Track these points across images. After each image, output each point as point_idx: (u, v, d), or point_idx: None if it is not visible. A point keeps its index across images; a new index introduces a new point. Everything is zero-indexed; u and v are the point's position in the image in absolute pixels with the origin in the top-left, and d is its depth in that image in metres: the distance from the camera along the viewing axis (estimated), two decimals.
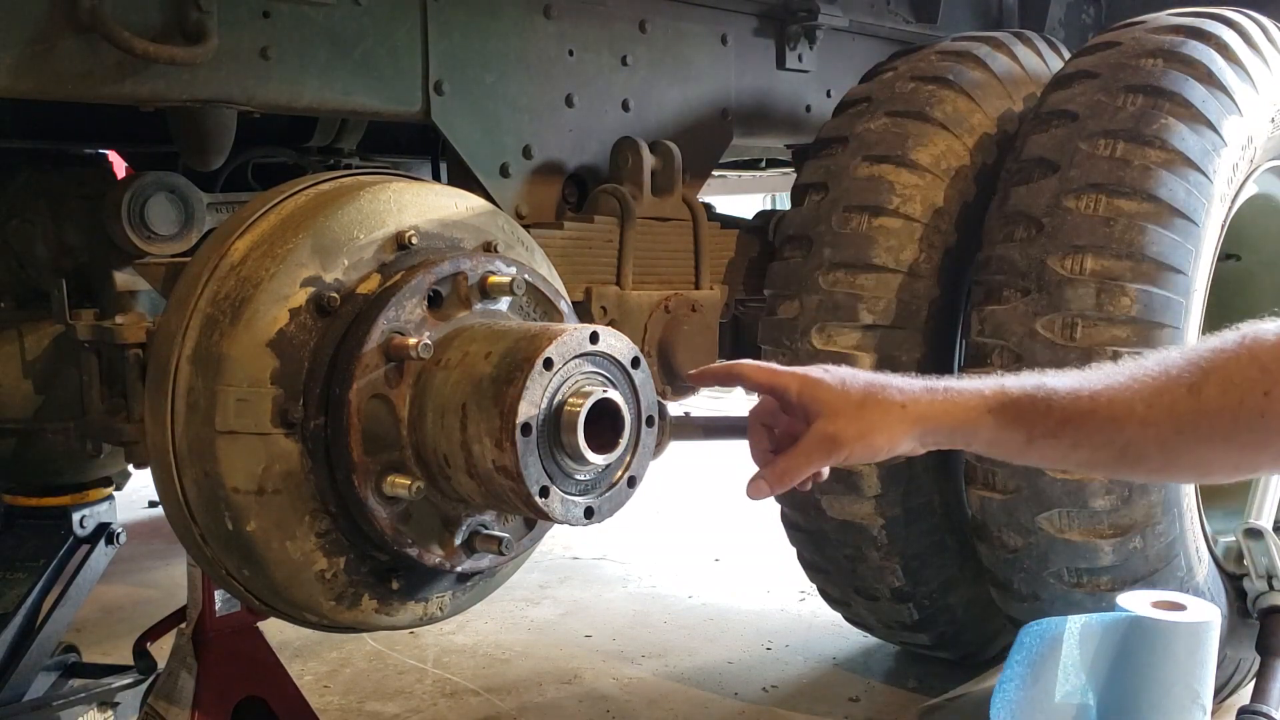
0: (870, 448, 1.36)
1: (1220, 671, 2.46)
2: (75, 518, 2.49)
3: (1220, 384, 1.26)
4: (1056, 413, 1.32)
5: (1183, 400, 1.27)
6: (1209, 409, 1.26)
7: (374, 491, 1.53)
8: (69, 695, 2.50)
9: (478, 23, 2.24)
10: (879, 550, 2.59)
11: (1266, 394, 1.23)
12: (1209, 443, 1.28)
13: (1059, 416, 1.32)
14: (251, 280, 1.54)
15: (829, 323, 2.47)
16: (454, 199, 1.75)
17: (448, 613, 1.74)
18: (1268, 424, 1.24)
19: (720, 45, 2.76)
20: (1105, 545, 2.25)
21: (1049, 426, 1.32)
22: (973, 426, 1.35)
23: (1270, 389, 1.23)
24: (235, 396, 1.50)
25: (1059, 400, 1.32)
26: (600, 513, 1.55)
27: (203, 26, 1.82)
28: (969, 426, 1.35)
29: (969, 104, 2.60)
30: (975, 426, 1.35)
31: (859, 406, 1.36)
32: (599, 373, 1.54)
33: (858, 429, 1.35)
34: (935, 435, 1.37)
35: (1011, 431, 1.34)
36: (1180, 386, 1.28)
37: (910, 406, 1.35)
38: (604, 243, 2.44)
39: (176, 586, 2.87)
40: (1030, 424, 1.33)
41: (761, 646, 3.37)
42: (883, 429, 1.35)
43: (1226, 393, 1.25)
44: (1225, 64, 2.38)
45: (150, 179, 2.13)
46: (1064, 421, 1.31)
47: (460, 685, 3.09)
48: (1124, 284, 2.19)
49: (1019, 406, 1.33)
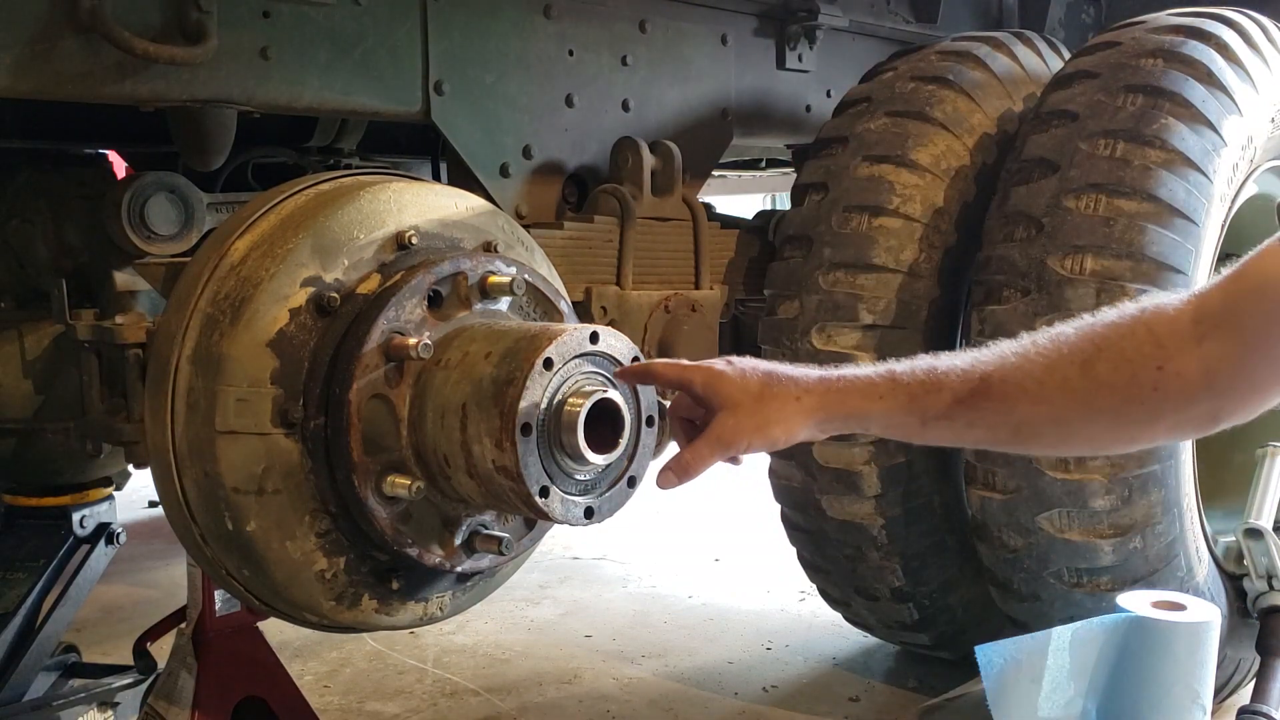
0: (767, 438, 1.40)
1: (1220, 671, 2.46)
2: (75, 518, 2.49)
3: (1112, 359, 1.27)
4: (947, 394, 1.34)
5: (1074, 377, 1.29)
6: (1100, 384, 1.27)
7: (374, 491, 1.53)
8: (69, 695, 2.50)
9: (478, 23, 2.24)
10: (879, 550, 2.59)
11: (1160, 368, 1.25)
12: (1101, 416, 1.30)
13: (950, 398, 1.34)
14: (251, 280, 1.54)
15: (829, 323, 2.47)
16: (454, 199, 1.75)
17: (448, 613, 1.74)
18: (1160, 397, 1.26)
19: (720, 45, 2.76)
20: (1105, 545, 2.25)
21: (941, 409, 1.34)
22: (865, 413, 1.39)
23: (1164, 363, 1.25)
24: (235, 396, 1.51)
25: (950, 382, 1.34)
26: (600, 513, 1.55)
27: (202, 26, 1.82)
28: (861, 413, 1.39)
29: (969, 104, 2.60)
30: (867, 413, 1.39)
31: (757, 399, 1.40)
32: (599, 373, 1.54)
33: (754, 422, 1.40)
34: (831, 423, 1.41)
35: (905, 416, 1.37)
36: (1072, 363, 1.29)
37: (804, 398, 1.39)
38: (604, 243, 2.44)
39: (176, 586, 2.87)
40: (923, 407, 1.35)
41: (761, 646, 3.37)
42: (778, 421, 1.39)
43: (1118, 368, 1.27)
44: (1225, 64, 2.38)
45: (150, 179, 2.13)
46: (956, 402, 1.34)
47: (460, 685, 3.09)
48: (1124, 284, 2.19)
49: (909, 391, 1.36)
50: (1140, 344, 1.27)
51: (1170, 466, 2.28)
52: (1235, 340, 1.23)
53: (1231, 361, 1.23)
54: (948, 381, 1.34)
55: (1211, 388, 1.25)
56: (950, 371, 1.35)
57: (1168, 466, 2.28)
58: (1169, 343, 1.25)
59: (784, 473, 2.66)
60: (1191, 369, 1.24)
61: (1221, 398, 1.26)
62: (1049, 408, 1.31)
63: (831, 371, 1.42)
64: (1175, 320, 1.26)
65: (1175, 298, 1.29)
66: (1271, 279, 1.21)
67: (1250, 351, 1.23)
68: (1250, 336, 1.22)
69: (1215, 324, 1.24)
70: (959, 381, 1.34)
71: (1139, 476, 2.23)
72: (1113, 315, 1.30)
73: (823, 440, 1.49)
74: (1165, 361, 1.25)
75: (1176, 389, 1.25)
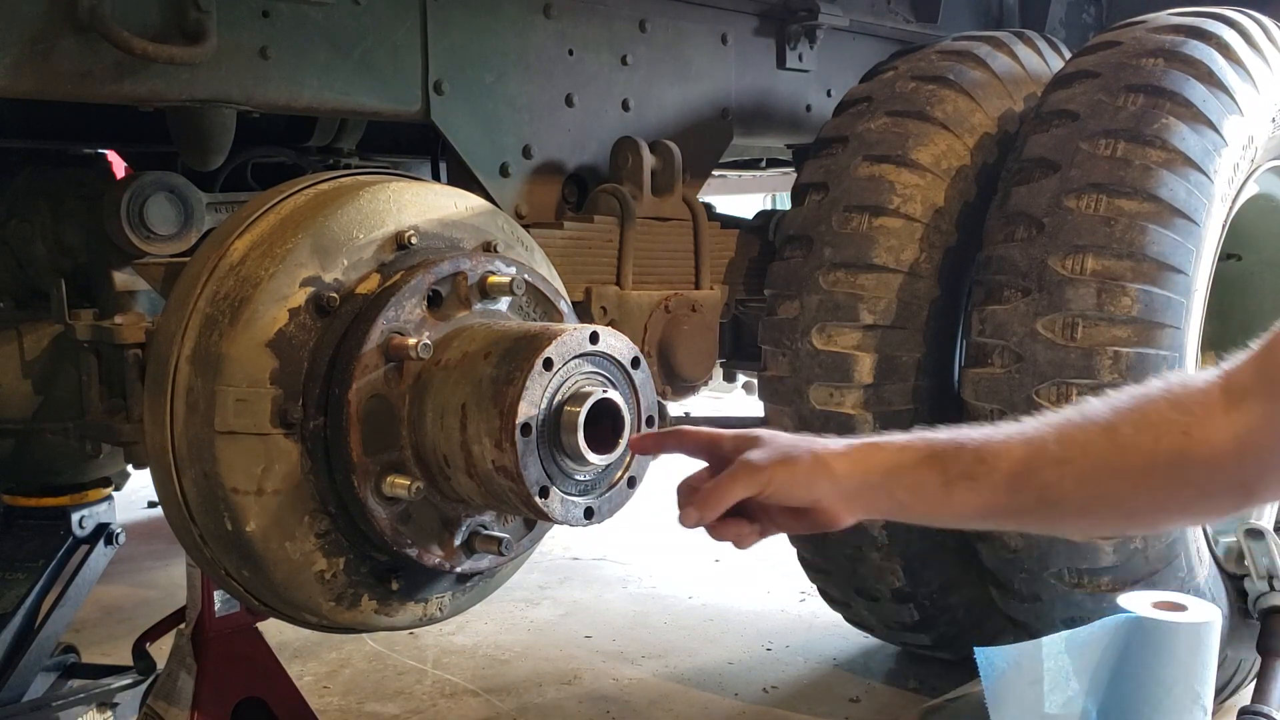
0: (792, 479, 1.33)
1: (1221, 672, 2.46)
2: (75, 518, 2.49)
3: (1135, 424, 1.24)
4: (969, 454, 1.30)
5: (1097, 438, 1.26)
6: (1124, 445, 1.24)
7: (373, 492, 1.53)
8: (68, 695, 2.50)
9: (477, 22, 2.24)
10: (879, 551, 2.59)
11: (1185, 433, 1.22)
12: (1125, 480, 1.26)
13: (972, 457, 1.30)
14: (251, 280, 1.54)
15: (829, 323, 2.47)
16: (454, 199, 1.75)
17: (447, 613, 1.74)
18: (1186, 463, 1.22)
19: (720, 45, 2.75)
20: (1106, 546, 2.25)
21: (964, 466, 1.30)
22: (893, 473, 1.33)
23: (1189, 429, 1.22)
24: (234, 397, 1.50)
25: (971, 443, 1.31)
26: (600, 513, 1.55)
27: (202, 26, 1.82)
28: (890, 473, 1.33)
29: (969, 104, 2.60)
30: (896, 473, 1.33)
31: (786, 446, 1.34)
32: (599, 373, 1.54)
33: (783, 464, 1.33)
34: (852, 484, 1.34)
35: (928, 472, 1.32)
36: (1095, 427, 1.27)
37: (834, 462, 1.33)
38: (604, 243, 2.44)
39: (176, 587, 2.87)
40: (945, 465, 1.31)
41: (761, 647, 3.37)
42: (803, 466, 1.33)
43: (1142, 431, 1.24)
44: (1226, 64, 2.38)
45: (150, 179, 2.13)
46: (978, 461, 1.30)
47: (460, 686, 3.08)
48: (1124, 284, 2.19)
49: (933, 449, 1.32)
50: (1165, 411, 1.24)
51: None
52: (1268, 409, 1.19)
53: (1264, 430, 1.19)
54: (969, 443, 1.31)
55: (1242, 456, 1.20)
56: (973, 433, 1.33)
57: None
58: (1197, 410, 1.22)
59: None
60: (1220, 437, 1.20)
61: (1253, 468, 1.22)
62: (1073, 467, 1.27)
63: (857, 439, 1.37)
64: (1205, 392, 1.23)
65: (1205, 373, 1.26)
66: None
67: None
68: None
69: (1247, 392, 1.21)
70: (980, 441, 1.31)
71: None
72: (1139, 388, 1.28)
73: None
74: (1191, 427, 1.21)
75: (1203, 456, 1.21)
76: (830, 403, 2.47)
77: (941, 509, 1.34)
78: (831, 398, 2.47)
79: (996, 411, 2.29)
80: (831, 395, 2.47)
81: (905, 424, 2.49)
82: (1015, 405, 2.25)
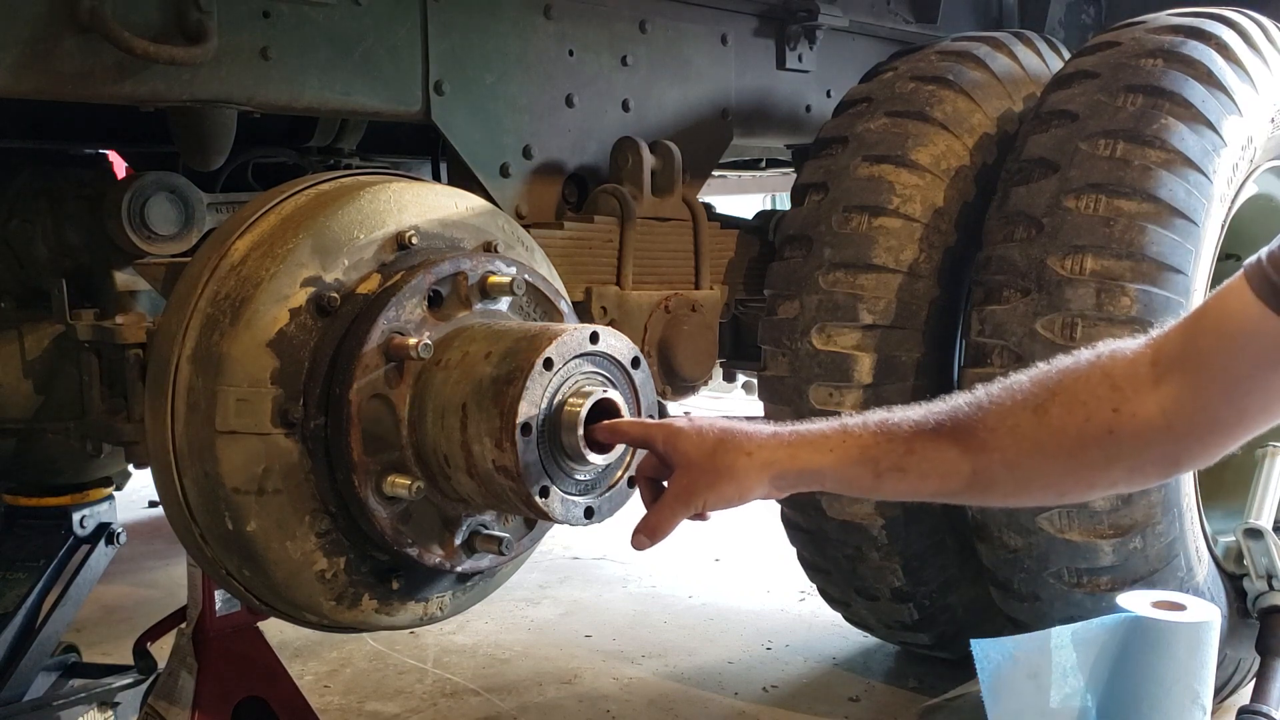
0: (721, 497, 1.40)
1: (1220, 671, 2.46)
2: (75, 518, 2.49)
3: (1066, 403, 1.25)
4: (900, 445, 1.32)
5: (1026, 421, 1.27)
6: (1054, 429, 1.25)
7: (374, 491, 1.53)
8: (69, 695, 2.50)
9: (478, 23, 2.24)
10: (879, 550, 2.59)
11: (1115, 411, 1.23)
12: (1055, 462, 1.28)
13: (903, 448, 1.32)
14: (252, 280, 1.54)
15: (829, 323, 2.47)
16: (454, 199, 1.75)
17: (448, 613, 1.74)
18: (1115, 440, 1.24)
19: (720, 45, 2.75)
20: (1105, 545, 2.25)
21: (894, 460, 1.32)
22: (817, 467, 1.36)
23: (1119, 406, 1.23)
24: (235, 396, 1.50)
25: (902, 434, 1.33)
26: (600, 513, 1.55)
27: (202, 26, 1.82)
28: (813, 467, 1.37)
29: (969, 104, 2.60)
30: (819, 466, 1.36)
31: (710, 455, 1.39)
32: (599, 373, 1.54)
33: (708, 479, 1.39)
34: (784, 479, 1.39)
35: (857, 468, 1.34)
36: (1026, 409, 1.27)
37: (755, 454, 1.38)
38: (604, 243, 2.44)
39: (176, 586, 2.87)
40: (875, 459, 1.33)
41: (761, 646, 3.37)
42: (730, 478, 1.38)
43: (1072, 410, 1.25)
44: (1225, 64, 2.38)
45: (150, 179, 2.13)
46: (908, 453, 1.32)
47: (460, 685, 3.08)
48: (1124, 284, 2.19)
49: (861, 443, 1.34)
50: (1095, 387, 1.25)
51: None
52: (1195, 380, 1.21)
53: (1191, 402, 1.21)
54: (899, 432, 1.33)
55: (1170, 429, 1.23)
56: (903, 422, 1.34)
57: None
58: (1125, 385, 1.24)
59: None
60: (1149, 411, 1.22)
61: (1181, 440, 1.24)
62: (1002, 454, 1.28)
63: (785, 427, 1.40)
64: (1133, 363, 1.25)
65: (1134, 341, 1.27)
66: (1233, 316, 1.18)
67: (1211, 391, 1.20)
68: (1211, 376, 1.20)
69: (1174, 365, 1.22)
70: (910, 432, 1.32)
71: None
72: (1068, 361, 1.29)
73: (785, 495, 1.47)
74: (1121, 404, 1.23)
75: (1132, 431, 1.23)
76: (830, 403, 2.47)
77: (870, 494, 1.41)
78: (831, 398, 2.47)
79: None
80: (831, 395, 2.47)
81: None
82: None
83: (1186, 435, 1.24)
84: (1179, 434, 1.23)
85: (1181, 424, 1.23)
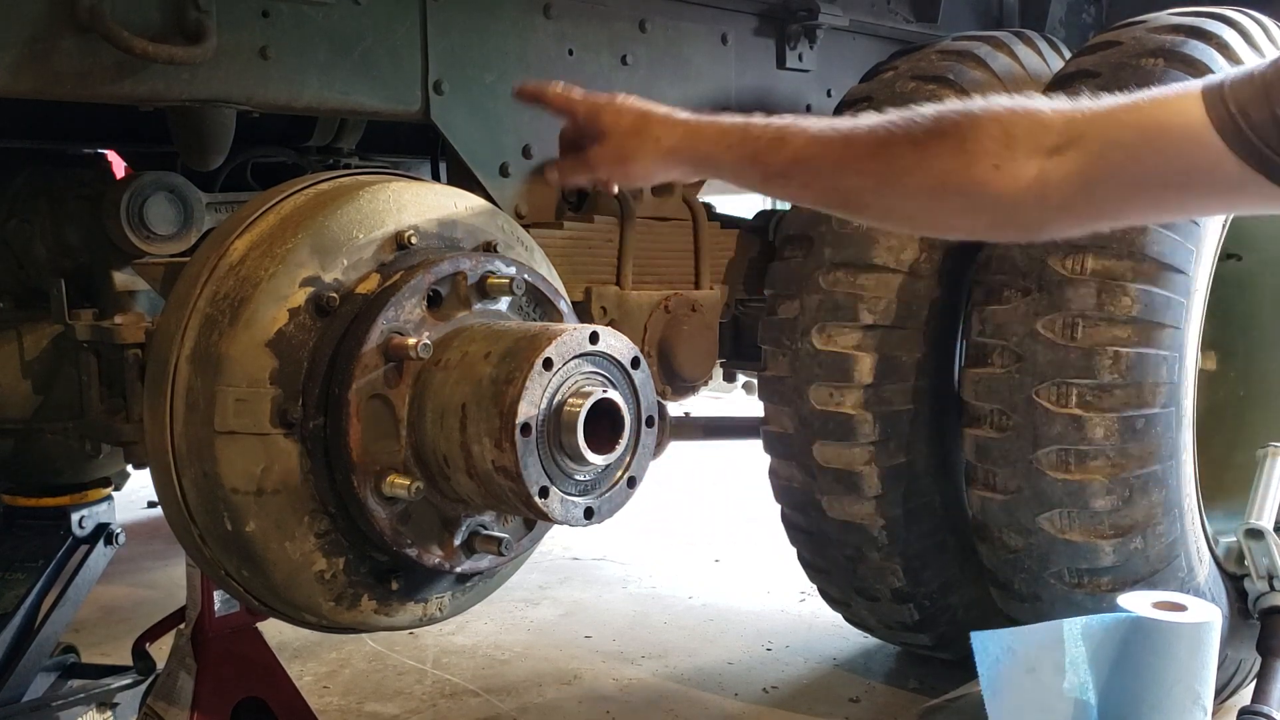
0: (627, 175, 1.59)
1: (1221, 672, 2.46)
2: (74, 518, 2.49)
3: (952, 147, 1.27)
4: (787, 154, 1.42)
5: (907, 154, 1.30)
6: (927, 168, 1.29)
7: (373, 492, 1.53)
8: (68, 695, 2.50)
9: (477, 22, 2.24)
10: (879, 551, 2.59)
11: (996, 167, 1.24)
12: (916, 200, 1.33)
13: (789, 158, 1.42)
14: (251, 280, 1.54)
15: (829, 322, 2.47)
16: (453, 199, 1.75)
17: (447, 613, 1.74)
18: (984, 193, 1.26)
19: (720, 45, 2.75)
20: (1106, 546, 2.25)
21: (780, 166, 1.43)
22: (716, 158, 1.51)
23: (1002, 163, 1.24)
24: (234, 396, 1.50)
25: (793, 143, 1.42)
26: (600, 513, 1.55)
27: (202, 26, 1.82)
28: (712, 158, 1.51)
29: None
30: (718, 159, 1.50)
31: (625, 134, 1.57)
32: (599, 373, 1.54)
33: (618, 154, 1.57)
34: (685, 165, 1.54)
35: (749, 166, 1.47)
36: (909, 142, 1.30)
37: (664, 138, 1.54)
38: (604, 243, 2.44)
39: (176, 587, 2.87)
40: (764, 163, 1.45)
41: (761, 647, 3.37)
42: (637, 157, 1.56)
43: (955, 156, 1.26)
44: (1226, 64, 2.37)
45: (149, 179, 2.13)
46: (793, 162, 1.42)
47: (460, 686, 3.08)
48: (1125, 283, 2.19)
49: (756, 144, 1.45)
50: (986, 140, 1.25)
51: (1171, 467, 2.28)
52: (1094, 166, 1.21)
53: (1078, 183, 1.21)
54: (792, 142, 1.42)
55: (1044, 199, 1.23)
56: (798, 134, 1.42)
57: (1168, 467, 2.27)
58: (1020, 144, 1.24)
59: (784, 473, 2.66)
60: (1028, 175, 1.23)
61: (1050, 211, 1.26)
62: (875, 180, 1.35)
63: (700, 117, 1.53)
64: (1039, 124, 1.24)
65: (1050, 102, 1.27)
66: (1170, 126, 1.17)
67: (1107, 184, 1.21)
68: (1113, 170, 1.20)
69: (1080, 143, 1.22)
70: (802, 144, 1.41)
71: (1140, 477, 2.22)
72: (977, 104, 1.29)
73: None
74: (1004, 162, 1.24)
75: (1005, 191, 1.24)
76: (830, 403, 2.47)
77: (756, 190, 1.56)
78: (831, 398, 2.47)
79: (996, 412, 2.29)
80: (831, 395, 2.47)
81: (905, 424, 2.50)
82: (1015, 405, 2.26)
83: (1059, 210, 1.25)
84: (1050, 205, 1.25)
85: (1057, 199, 1.24)
